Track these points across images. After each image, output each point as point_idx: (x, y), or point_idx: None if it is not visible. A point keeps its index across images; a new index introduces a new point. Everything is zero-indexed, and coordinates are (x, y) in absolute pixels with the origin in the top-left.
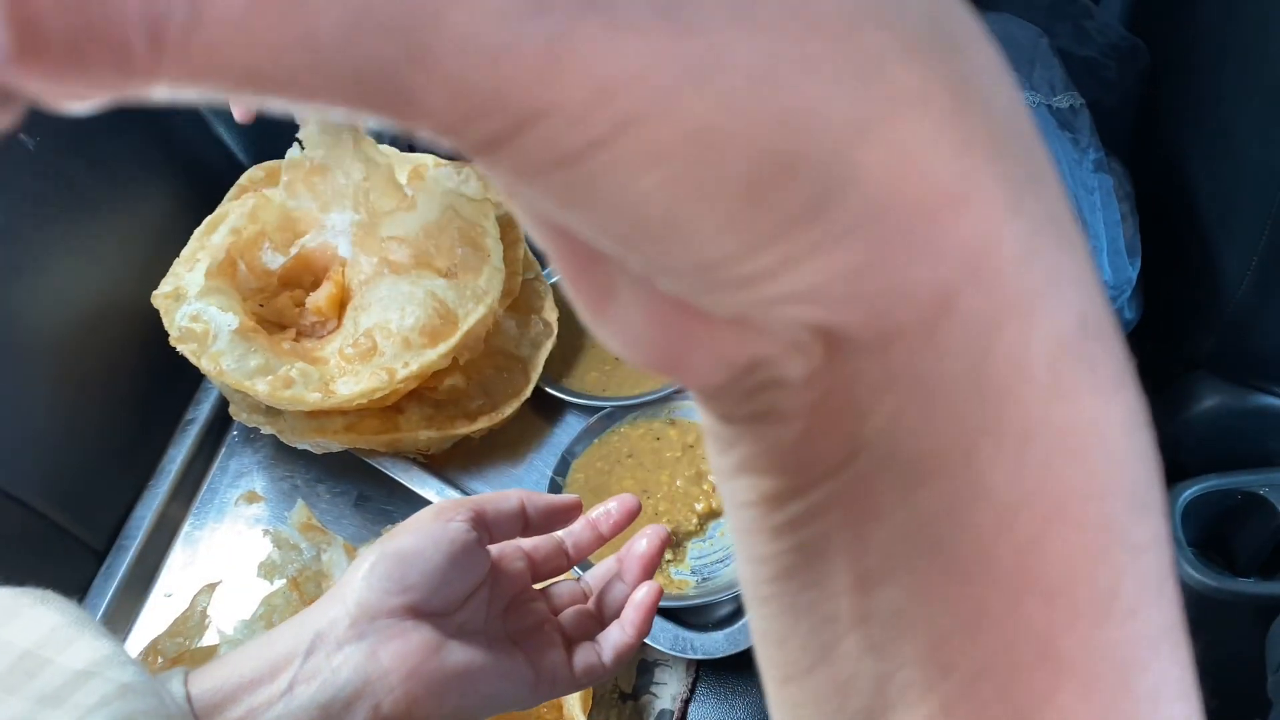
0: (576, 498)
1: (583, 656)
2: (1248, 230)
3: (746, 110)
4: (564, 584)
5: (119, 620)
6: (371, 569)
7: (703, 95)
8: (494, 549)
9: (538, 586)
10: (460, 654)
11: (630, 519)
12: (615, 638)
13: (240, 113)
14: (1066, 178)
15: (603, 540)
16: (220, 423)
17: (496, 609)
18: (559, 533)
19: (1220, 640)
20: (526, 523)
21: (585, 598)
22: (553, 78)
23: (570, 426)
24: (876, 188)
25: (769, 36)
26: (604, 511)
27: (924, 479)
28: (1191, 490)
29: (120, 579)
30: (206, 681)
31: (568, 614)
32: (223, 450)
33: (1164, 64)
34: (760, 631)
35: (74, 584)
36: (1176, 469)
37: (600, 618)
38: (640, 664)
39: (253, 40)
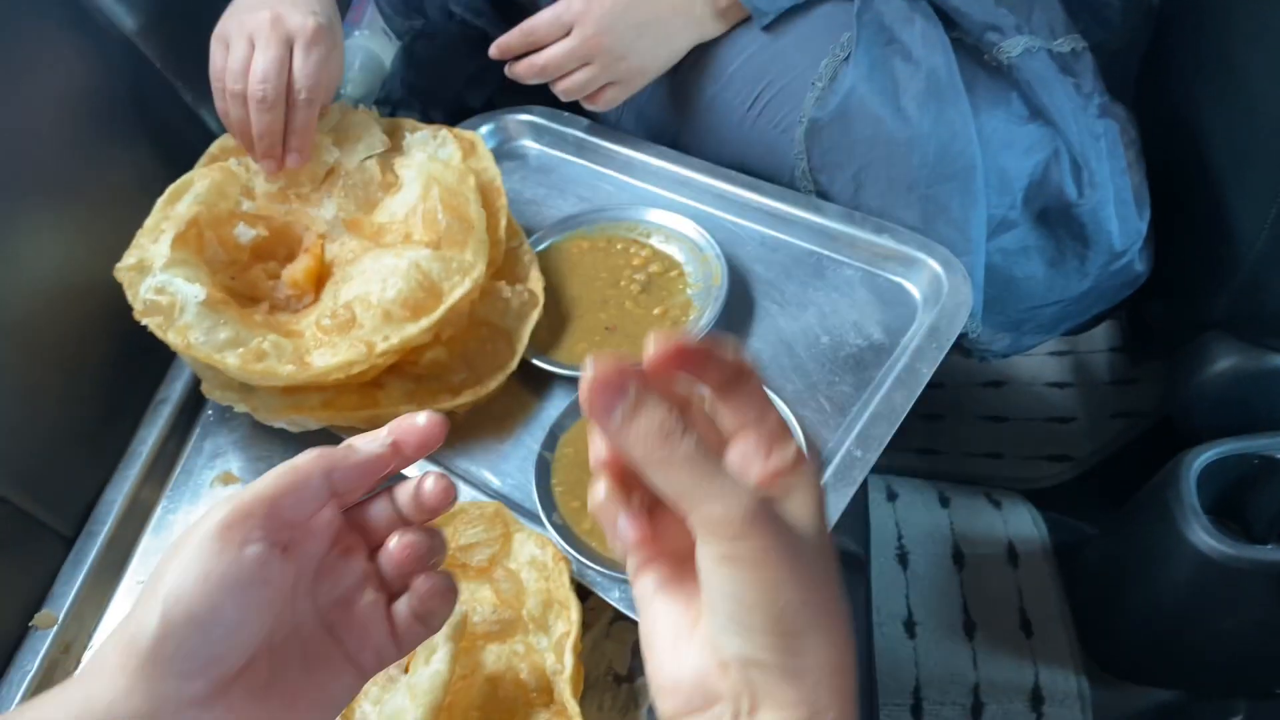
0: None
1: (404, 619)
2: (1263, 182)
3: None
4: (377, 503)
5: (88, 610)
6: (154, 652)
7: None
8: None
9: None
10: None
11: (432, 437)
12: (421, 585)
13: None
14: (1070, 124)
15: (401, 454)
16: (194, 402)
17: (304, 592)
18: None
19: (1238, 608)
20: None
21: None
22: None
23: (558, 399)
24: None
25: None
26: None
27: None
28: (1206, 456)
29: (89, 566)
30: None
31: (390, 553)
32: (196, 430)
33: (1170, 3)
34: None
35: (41, 572)
36: (1190, 434)
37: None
38: (634, 644)
39: None
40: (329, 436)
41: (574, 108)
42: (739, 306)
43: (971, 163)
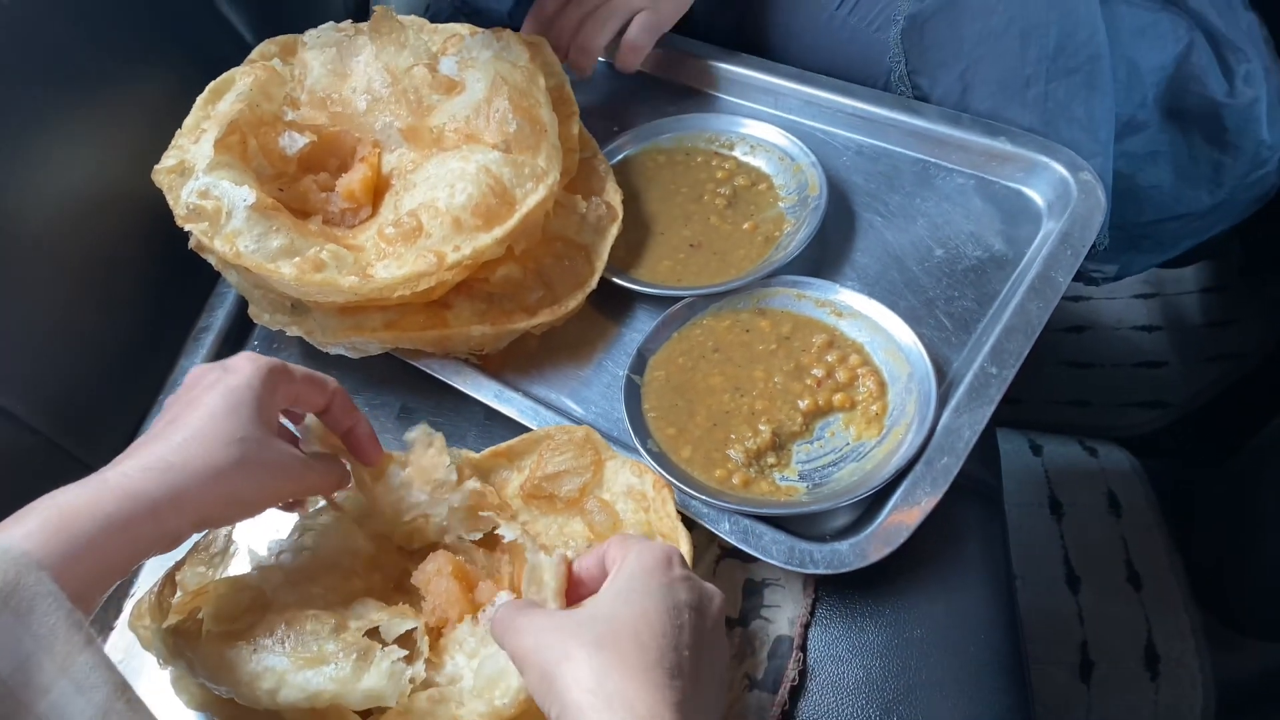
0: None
1: None
2: None
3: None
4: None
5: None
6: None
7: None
8: None
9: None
10: None
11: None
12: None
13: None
14: (1210, 10)
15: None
16: (238, 330)
17: None
18: None
19: None
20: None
21: None
22: None
23: (640, 322)
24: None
25: None
26: None
27: None
28: None
29: None
30: None
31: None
32: None
33: None
34: None
35: None
36: None
37: None
38: (746, 584)
39: None
40: (391, 361)
41: None
42: (838, 219)
43: (1097, 52)
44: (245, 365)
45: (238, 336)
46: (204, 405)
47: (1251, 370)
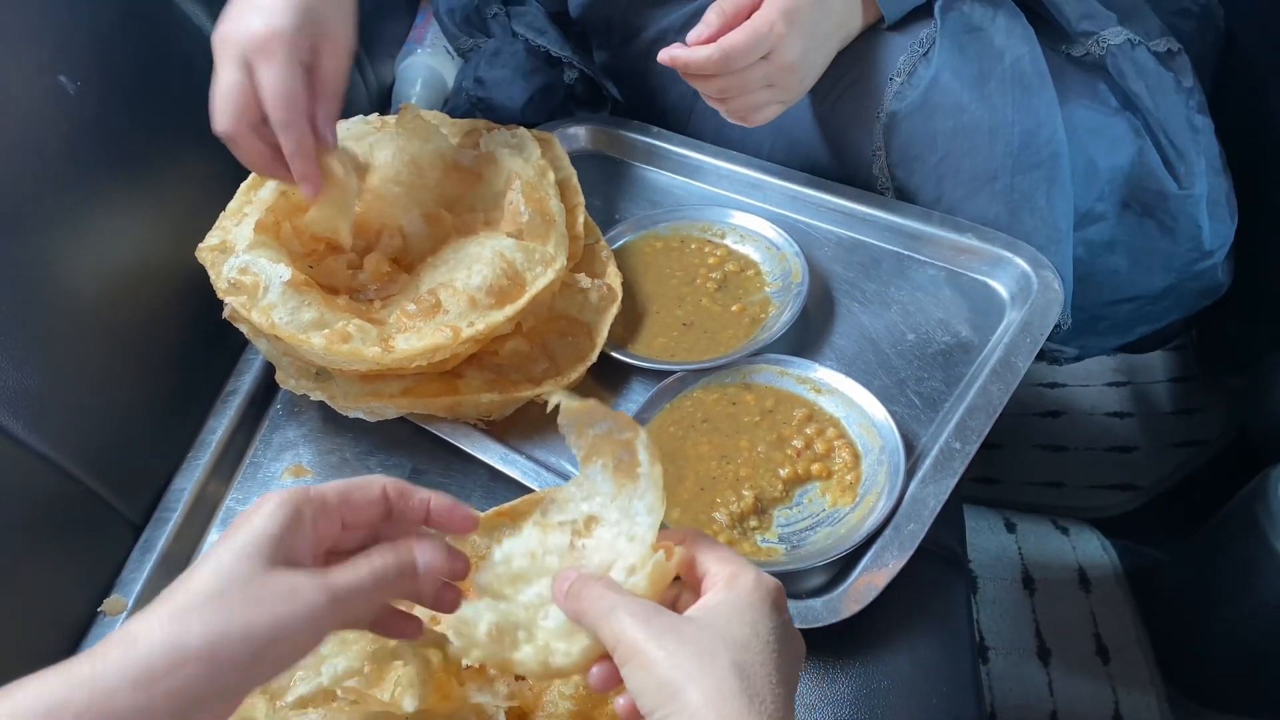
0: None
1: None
2: None
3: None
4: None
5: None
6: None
7: None
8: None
9: None
10: None
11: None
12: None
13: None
14: (1168, 115)
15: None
16: (263, 395)
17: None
18: None
19: None
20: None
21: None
22: None
23: (636, 394)
24: None
25: None
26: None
27: None
28: None
29: (158, 555)
30: None
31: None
32: (265, 424)
33: (1242, 24)
34: None
35: (110, 558)
36: (1270, 451)
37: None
38: None
39: None
40: (404, 429)
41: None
42: (819, 305)
43: (1057, 150)
44: (259, 507)
45: (261, 402)
46: (210, 558)
47: (1214, 455)
